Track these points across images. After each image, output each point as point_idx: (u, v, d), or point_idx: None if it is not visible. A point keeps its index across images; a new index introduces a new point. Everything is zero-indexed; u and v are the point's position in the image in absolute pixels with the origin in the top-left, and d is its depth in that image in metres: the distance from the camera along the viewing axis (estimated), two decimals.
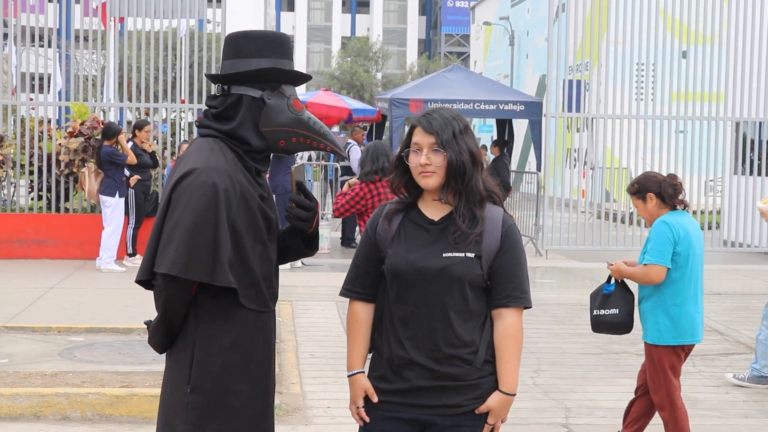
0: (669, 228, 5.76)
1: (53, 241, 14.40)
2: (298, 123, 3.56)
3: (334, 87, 50.31)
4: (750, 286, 13.86)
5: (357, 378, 3.55)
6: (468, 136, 3.48)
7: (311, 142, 3.60)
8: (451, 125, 3.45)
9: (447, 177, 3.45)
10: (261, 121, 3.52)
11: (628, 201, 17.64)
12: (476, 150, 3.49)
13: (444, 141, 3.43)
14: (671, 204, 5.84)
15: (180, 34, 17.60)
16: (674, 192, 5.82)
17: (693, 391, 7.94)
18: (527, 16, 41.03)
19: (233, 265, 3.39)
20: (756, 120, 16.88)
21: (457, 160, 3.42)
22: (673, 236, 5.74)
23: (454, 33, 71.64)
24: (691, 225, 5.86)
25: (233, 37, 3.60)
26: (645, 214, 5.92)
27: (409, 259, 3.45)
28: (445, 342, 3.42)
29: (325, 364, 8.51)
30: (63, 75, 16.43)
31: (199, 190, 3.35)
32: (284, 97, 3.55)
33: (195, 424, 3.44)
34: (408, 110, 17.76)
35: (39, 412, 6.83)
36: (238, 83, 3.53)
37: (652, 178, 5.90)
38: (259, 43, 3.55)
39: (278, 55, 3.56)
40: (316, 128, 3.61)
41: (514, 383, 3.46)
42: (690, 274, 5.82)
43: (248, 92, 3.52)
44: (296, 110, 3.55)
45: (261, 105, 3.52)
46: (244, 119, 3.52)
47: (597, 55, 18.27)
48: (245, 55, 3.54)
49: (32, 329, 9.30)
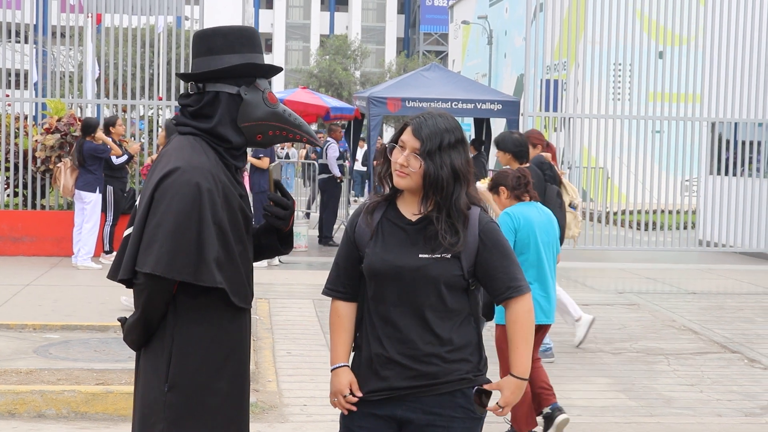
0: (510, 218, 6.28)
1: (29, 238, 14.33)
2: (274, 116, 3.58)
3: (312, 85, 50.23)
4: (725, 286, 13.95)
5: (342, 370, 3.56)
6: (456, 151, 3.45)
7: (287, 134, 3.63)
8: (441, 137, 3.43)
9: (425, 188, 3.45)
10: (239, 116, 3.53)
11: (604, 200, 17.75)
12: (461, 166, 3.45)
13: (427, 150, 3.42)
14: (517, 196, 6.36)
15: (158, 30, 17.53)
16: (517, 184, 6.35)
17: (667, 390, 8.01)
18: (505, 16, 41.11)
19: (223, 264, 3.40)
20: (732, 120, 16.99)
21: (435, 173, 3.41)
22: (513, 224, 6.25)
23: (432, 32, 71.68)
24: (534, 214, 6.35)
25: (202, 34, 3.59)
26: (499, 206, 6.50)
27: (385, 258, 3.47)
28: (422, 340, 3.43)
29: (301, 362, 8.51)
30: (39, 71, 16.34)
31: (182, 190, 3.35)
32: (259, 90, 3.56)
33: (173, 423, 3.44)
34: (386, 108, 17.76)
35: (14, 410, 6.80)
36: (213, 80, 3.53)
37: (503, 174, 6.49)
38: (230, 39, 3.56)
39: (249, 49, 3.57)
40: (291, 120, 3.63)
41: (524, 368, 3.47)
42: (532, 259, 6.28)
43: (224, 89, 3.52)
44: (271, 103, 3.58)
45: (238, 101, 3.53)
46: (223, 116, 3.53)
47: (574, 54, 18.32)
48: (217, 52, 3.54)
49: (7, 326, 9.26)
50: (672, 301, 11.36)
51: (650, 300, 12.06)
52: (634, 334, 10.17)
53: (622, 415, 7.30)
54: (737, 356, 9.33)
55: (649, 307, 11.56)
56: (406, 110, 17.50)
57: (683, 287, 13.49)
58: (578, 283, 13.77)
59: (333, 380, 3.58)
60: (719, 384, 8.26)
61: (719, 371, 8.72)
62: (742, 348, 9.62)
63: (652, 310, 11.29)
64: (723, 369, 8.82)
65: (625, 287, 13.47)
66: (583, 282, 13.91)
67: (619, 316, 11.12)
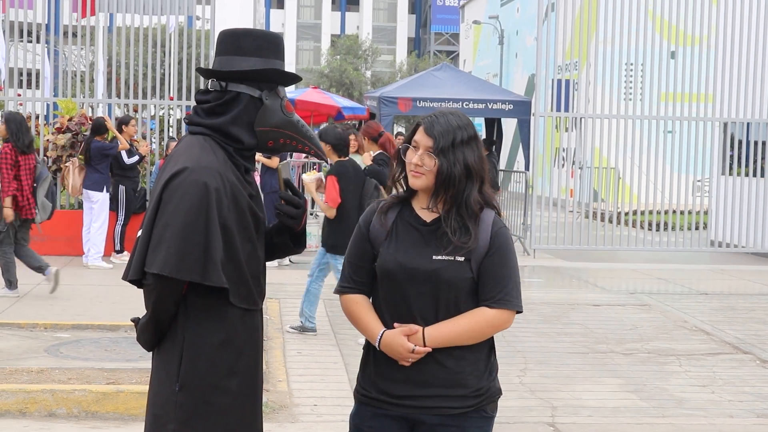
0: None
1: (40, 237, 14.31)
2: (289, 125, 3.59)
3: (323, 85, 50.23)
4: (736, 287, 13.91)
5: (387, 334, 3.41)
6: (470, 148, 3.43)
7: (297, 144, 3.64)
8: (453, 134, 3.42)
9: (436, 185, 3.43)
10: (257, 120, 3.53)
11: (616, 200, 17.71)
12: (474, 163, 3.43)
13: (440, 148, 3.40)
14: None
15: (169, 30, 17.56)
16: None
17: (679, 391, 7.98)
18: (516, 16, 41.06)
19: (224, 264, 3.39)
20: (744, 120, 16.93)
21: (449, 170, 3.40)
22: None
23: (443, 32, 71.64)
24: None
25: (232, 33, 3.59)
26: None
27: (398, 259, 3.45)
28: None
29: (312, 362, 8.51)
30: (51, 71, 16.38)
31: (191, 190, 3.34)
32: (278, 98, 3.57)
33: (183, 423, 3.44)
34: (397, 108, 17.78)
35: (25, 409, 6.81)
36: (237, 81, 3.53)
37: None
38: (258, 42, 3.55)
39: (275, 55, 3.58)
40: (304, 131, 3.64)
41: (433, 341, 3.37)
42: None
43: (247, 91, 3.52)
44: (288, 112, 3.59)
45: (258, 105, 3.53)
46: (239, 117, 3.52)
47: (586, 54, 18.29)
48: (245, 53, 3.54)
49: (18, 325, 9.28)
50: (683, 301, 11.33)
51: (662, 300, 12.02)
52: (646, 334, 10.14)
53: (633, 416, 7.27)
54: (749, 357, 9.29)
55: (661, 308, 11.52)
56: (417, 110, 17.51)
57: (695, 288, 13.45)
58: (589, 284, 13.74)
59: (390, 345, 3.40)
60: (731, 385, 8.23)
61: (731, 372, 8.68)
62: (754, 349, 9.58)
63: (663, 310, 11.25)
64: (735, 370, 8.78)
65: (636, 288, 13.43)
66: (594, 282, 13.87)
67: (630, 316, 11.09)
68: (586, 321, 10.72)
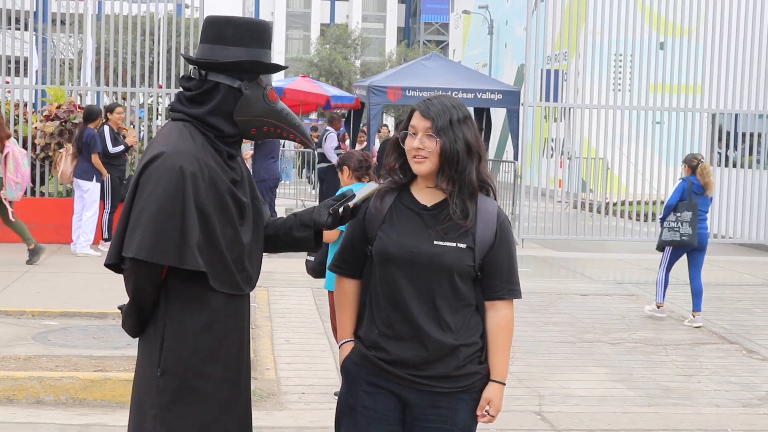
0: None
1: (28, 225, 14.28)
2: (272, 113, 3.59)
3: (312, 74, 50.17)
4: (723, 277, 13.96)
5: (348, 345, 3.60)
6: (466, 126, 3.48)
7: (281, 131, 3.64)
8: (449, 113, 3.46)
9: (441, 164, 3.45)
10: (236, 110, 3.53)
11: (604, 191, 17.75)
12: (473, 140, 3.48)
13: (439, 127, 3.43)
14: (357, 177, 6.81)
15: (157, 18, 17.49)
16: (359, 166, 6.81)
17: (665, 380, 8.02)
18: (506, 6, 41.05)
19: (202, 248, 3.39)
20: (732, 112, 16.98)
21: (451, 148, 3.42)
22: None
23: (433, 21, 71.56)
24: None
25: (214, 21, 3.57)
26: (342, 183, 6.91)
27: (400, 242, 3.47)
28: (431, 327, 3.44)
29: (300, 350, 8.52)
30: (39, 58, 16.32)
31: (166, 175, 3.35)
32: (261, 87, 3.56)
33: (165, 407, 3.45)
34: (386, 98, 17.76)
35: (12, 396, 6.80)
36: (216, 71, 3.53)
37: (349, 154, 6.99)
38: (240, 31, 3.54)
39: (258, 44, 3.56)
40: (289, 119, 3.64)
41: (506, 372, 3.55)
42: None
43: (226, 81, 3.52)
44: (271, 101, 3.58)
45: (237, 95, 3.52)
46: (218, 107, 3.52)
47: (575, 45, 18.29)
48: (225, 42, 3.52)
49: (6, 313, 9.26)
50: (670, 291, 11.34)
51: (649, 290, 12.06)
52: (633, 324, 10.18)
53: (620, 405, 7.31)
54: (735, 347, 9.33)
55: (648, 298, 11.56)
56: (406, 99, 17.49)
57: (682, 278, 13.49)
58: (577, 273, 13.78)
59: (342, 354, 3.61)
60: (717, 375, 8.27)
61: (717, 362, 8.73)
62: (740, 339, 9.62)
63: (650, 300, 11.29)
64: (721, 360, 8.83)
65: (624, 278, 13.47)
66: (582, 272, 13.91)
67: (617, 306, 11.13)
68: (574, 310, 10.76)
